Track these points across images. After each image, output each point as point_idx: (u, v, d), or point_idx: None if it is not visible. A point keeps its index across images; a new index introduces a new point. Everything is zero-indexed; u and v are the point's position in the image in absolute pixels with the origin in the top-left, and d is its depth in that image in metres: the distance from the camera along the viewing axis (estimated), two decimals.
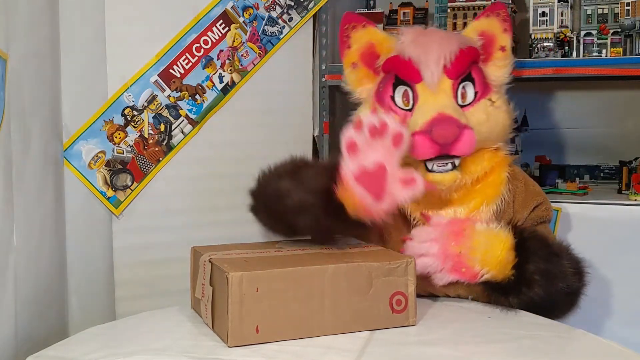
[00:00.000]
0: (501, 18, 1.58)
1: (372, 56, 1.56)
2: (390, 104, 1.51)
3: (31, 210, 1.42)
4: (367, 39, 1.57)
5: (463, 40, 1.53)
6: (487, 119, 1.49)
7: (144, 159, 1.71)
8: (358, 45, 1.57)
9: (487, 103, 1.51)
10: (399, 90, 1.50)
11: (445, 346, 1.20)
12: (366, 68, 1.57)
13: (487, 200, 1.49)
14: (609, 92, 2.18)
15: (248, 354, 1.13)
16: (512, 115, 1.57)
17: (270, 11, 1.86)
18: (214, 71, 1.79)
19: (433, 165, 1.43)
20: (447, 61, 1.46)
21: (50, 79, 1.54)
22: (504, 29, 1.58)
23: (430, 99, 1.45)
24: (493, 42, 1.58)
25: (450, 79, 1.47)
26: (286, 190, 1.35)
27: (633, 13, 1.77)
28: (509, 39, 1.59)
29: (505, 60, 1.58)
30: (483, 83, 1.52)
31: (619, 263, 1.72)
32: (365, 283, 1.24)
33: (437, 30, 1.57)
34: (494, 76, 1.56)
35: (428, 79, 1.45)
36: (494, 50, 1.58)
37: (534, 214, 1.55)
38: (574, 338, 1.28)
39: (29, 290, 1.40)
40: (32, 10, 1.44)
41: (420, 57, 1.47)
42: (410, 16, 2.07)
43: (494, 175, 1.51)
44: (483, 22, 1.59)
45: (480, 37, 1.57)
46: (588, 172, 2.17)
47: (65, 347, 1.20)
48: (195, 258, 1.35)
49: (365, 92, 1.58)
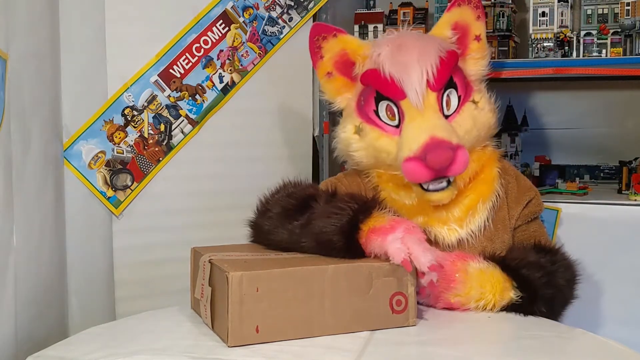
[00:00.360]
0: (473, 5, 1.55)
1: (346, 64, 1.54)
2: (375, 119, 1.48)
3: (31, 210, 1.42)
4: (339, 47, 1.54)
5: (440, 45, 1.48)
6: (474, 124, 1.49)
7: (144, 159, 1.71)
8: (331, 54, 1.54)
9: (472, 107, 1.50)
10: (382, 104, 1.48)
11: (445, 346, 1.20)
12: (342, 76, 1.55)
13: (483, 197, 1.49)
14: (609, 92, 2.18)
15: (248, 354, 1.13)
16: (495, 111, 1.55)
17: (270, 11, 1.86)
18: (214, 71, 1.79)
19: (429, 185, 1.42)
20: (430, 76, 1.43)
21: (50, 79, 1.54)
22: (477, 17, 1.56)
23: (418, 118, 1.42)
24: (467, 33, 1.56)
25: (434, 91, 1.44)
26: (297, 236, 1.33)
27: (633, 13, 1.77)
28: (483, 26, 1.57)
29: (482, 51, 1.57)
30: (464, 85, 1.50)
31: (619, 263, 1.72)
32: (366, 283, 1.24)
33: (412, 38, 1.50)
34: (473, 71, 1.55)
35: (413, 97, 1.42)
36: (469, 41, 1.56)
37: (527, 210, 1.54)
38: (573, 338, 1.28)
39: (29, 290, 1.40)
40: (32, 10, 1.44)
41: (402, 75, 1.43)
42: (410, 16, 2.07)
43: (486, 172, 1.51)
44: (455, 13, 1.56)
45: (454, 29, 1.55)
46: (588, 172, 2.17)
47: (65, 347, 1.20)
48: (195, 258, 1.35)
49: (345, 101, 1.56)
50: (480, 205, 1.49)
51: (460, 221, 1.48)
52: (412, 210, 1.48)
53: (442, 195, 1.43)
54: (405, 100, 1.44)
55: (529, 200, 1.54)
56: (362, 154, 1.51)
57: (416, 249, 1.23)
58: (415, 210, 1.48)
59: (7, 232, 1.29)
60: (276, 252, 1.35)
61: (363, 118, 1.50)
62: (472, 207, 1.48)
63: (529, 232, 1.54)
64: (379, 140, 1.47)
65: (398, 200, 1.50)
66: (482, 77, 1.57)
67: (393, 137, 1.45)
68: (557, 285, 1.38)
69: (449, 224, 1.47)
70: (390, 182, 1.51)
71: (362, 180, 1.55)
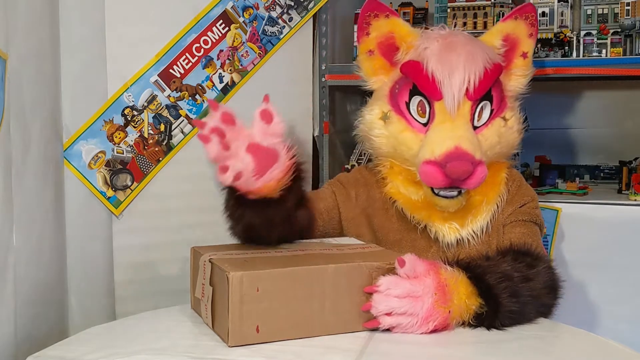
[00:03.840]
0: (529, 22, 1.54)
1: (390, 47, 1.51)
2: (405, 111, 1.46)
3: (31, 210, 1.42)
4: (388, 28, 1.51)
5: (488, 55, 1.45)
6: (499, 142, 1.48)
7: (144, 159, 1.71)
8: (377, 33, 1.51)
9: (501, 123, 1.48)
10: (415, 99, 1.45)
11: (445, 346, 1.20)
12: (383, 58, 1.52)
13: (487, 199, 1.49)
14: (609, 92, 2.18)
15: (248, 354, 1.13)
16: (522, 132, 1.54)
17: (270, 11, 1.86)
18: (214, 71, 1.79)
19: (440, 191, 1.41)
20: (471, 85, 1.41)
21: (50, 79, 1.54)
22: (529, 34, 1.54)
23: (447, 123, 1.41)
24: (516, 47, 1.54)
25: (470, 100, 1.42)
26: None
27: (633, 13, 1.77)
28: (532, 45, 1.55)
29: (526, 69, 1.55)
30: (500, 99, 1.48)
31: (619, 263, 1.72)
32: (366, 283, 1.24)
33: (462, 40, 1.46)
34: (512, 86, 1.54)
35: (449, 101, 1.40)
36: (515, 56, 1.54)
37: (519, 210, 1.51)
38: (574, 338, 1.28)
39: (29, 290, 1.40)
40: (32, 10, 1.44)
41: (445, 77, 1.40)
42: (410, 16, 2.08)
43: (493, 176, 1.49)
44: (509, 25, 1.55)
45: (504, 41, 1.53)
46: (588, 172, 2.17)
47: (65, 347, 1.20)
48: (195, 258, 1.35)
49: (379, 82, 1.53)
50: (484, 207, 1.48)
51: (462, 220, 1.47)
52: (416, 206, 1.48)
53: (451, 203, 1.43)
54: (440, 102, 1.42)
55: (524, 204, 1.52)
56: (383, 141, 1.50)
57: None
58: (419, 206, 1.48)
59: (7, 232, 1.29)
60: (277, 250, 1.35)
61: (393, 106, 1.48)
62: (476, 207, 1.48)
63: (515, 234, 1.48)
64: (403, 133, 1.46)
65: (405, 194, 1.49)
66: (519, 95, 1.56)
67: (418, 134, 1.44)
68: (530, 291, 1.30)
69: (450, 222, 1.47)
70: (400, 175, 1.50)
71: (369, 172, 1.55)
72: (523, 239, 1.46)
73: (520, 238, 1.47)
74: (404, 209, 1.48)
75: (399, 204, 1.49)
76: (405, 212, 1.48)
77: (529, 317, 1.30)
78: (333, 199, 1.54)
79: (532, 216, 1.51)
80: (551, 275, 1.38)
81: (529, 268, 1.33)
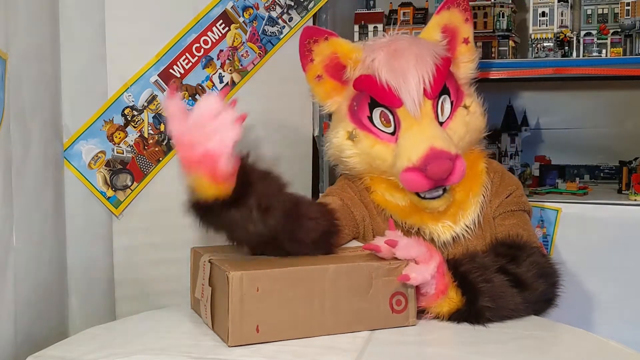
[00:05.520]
0: (462, 8, 1.56)
1: (337, 67, 1.52)
2: (370, 125, 1.47)
3: (31, 210, 1.42)
4: (330, 50, 1.52)
5: (435, 51, 1.47)
6: (467, 130, 1.49)
7: (144, 159, 1.71)
8: (321, 57, 1.52)
9: (464, 112, 1.50)
10: (376, 111, 1.46)
11: (445, 346, 1.20)
12: (333, 80, 1.53)
13: (472, 191, 1.50)
14: (609, 92, 2.18)
15: (248, 354, 1.13)
16: (484, 115, 1.55)
17: (270, 11, 1.86)
18: (214, 71, 1.79)
19: (425, 194, 1.42)
20: (427, 84, 1.42)
21: (50, 79, 1.54)
22: (465, 19, 1.56)
23: (415, 126, 1.42)
24: (456, 36, 1.56)
25: (429, 99, 1.44)
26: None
27: (633, 13, 1.77)
28: (471, 29, 1.57)
29: (471, 54, 1.57)
30: (456, 89, 1.50)
31: (619, 263, 1.72)
32: (366, 283, 1.24)
33: (406, 44, 1.47)
34: (462, 74, 1.55)
35: (410, 105, 1.41)
36: (457, 44, 1.56)
37: (506, 201, 1.52)
38: (573, 338, 1.28)
39: (29, 290, 1.40)
40: (32, 9, 1.44)
41: (399, 83, 1.42)
42: (410, 16, 2.08)
43: (473, 169, 1.51)
44: (444, 16, 1.56)
45: (444, 32, 1.55)
46: (588, 172, 2.17)
47: (65, 347, 1.20)
48: (195, 258, 1.35)
49: (335, 104, 1.54)
50: (471, 200, 1.49)
51: (453, 217, 1.48)
52: (405, 211, 1.48)
53: (439, 203, 1.44)
54: (401, 108, 1.43)
55: (510, 193, 1.53)
56: (356, 160, 1.50)
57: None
58: (408, 211, 1.48)
59: (7, 232, 1.28)
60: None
61: (356, 124, 1.49)
62: (463, 202, 1.49)
63: (505, 226, 1.50)
64: (374, 147, 1.47)
65: (392, 201, 1.50)
66: (471, 80, 1.57)
67: (389, 144, 1.45)
68: (519, 281, 1.33)
69: (442, 220, 1.47)
70: (383, 184, 1.50)
71: (355, 183, 1.55)
72: (514, 230, 1.49)
73: (512, 229, 1.49)
74: (393, 215, 1.49)
75: (387, 211, 1.50)
76: (396, 219, 1.48)
77: (515, 302, 1.31)
78: (347, 205, 1.52)
79: (519, 205, 1.54)
80: (540, 261, 1.40)
81: (509, 258, 1.37)
